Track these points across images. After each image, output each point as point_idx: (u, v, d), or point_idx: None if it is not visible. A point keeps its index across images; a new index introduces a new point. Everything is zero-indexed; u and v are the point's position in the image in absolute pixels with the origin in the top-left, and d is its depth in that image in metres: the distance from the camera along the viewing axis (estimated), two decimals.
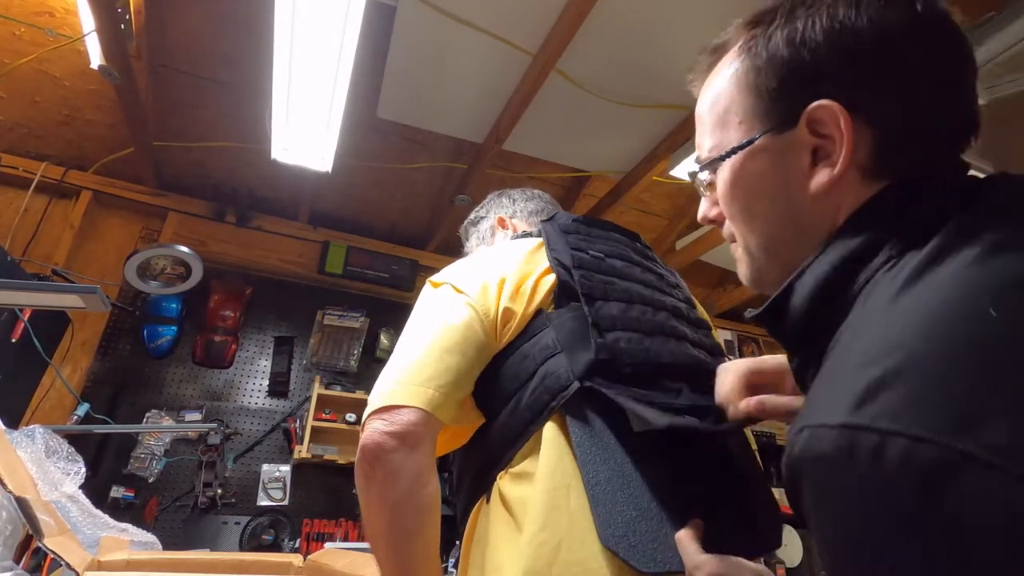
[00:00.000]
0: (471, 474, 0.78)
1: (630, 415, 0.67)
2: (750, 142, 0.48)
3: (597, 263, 0.82)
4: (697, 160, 0.55)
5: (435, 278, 0.84)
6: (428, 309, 0.80)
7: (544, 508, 0.65)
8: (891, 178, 0.44)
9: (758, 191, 0.49)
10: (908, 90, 0.43)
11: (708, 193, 0.56)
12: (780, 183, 0.47)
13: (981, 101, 0.49)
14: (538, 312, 0.77)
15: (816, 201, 0.45)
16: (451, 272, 0.83)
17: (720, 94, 0.51)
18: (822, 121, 0.44)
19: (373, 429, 0.69)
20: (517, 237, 0.98)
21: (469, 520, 0.76)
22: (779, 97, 0.46)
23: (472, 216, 1.21)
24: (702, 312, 0.93)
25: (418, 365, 0.72)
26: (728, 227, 0.54)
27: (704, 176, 0.54)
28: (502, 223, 1.12)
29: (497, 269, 0.80)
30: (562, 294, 0.78)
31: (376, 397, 0.71)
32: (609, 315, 0.75)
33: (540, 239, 0.87)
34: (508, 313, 0.76)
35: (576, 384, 0.70)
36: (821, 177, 0.45)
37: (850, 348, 0.36)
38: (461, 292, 0.78)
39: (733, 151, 0.49)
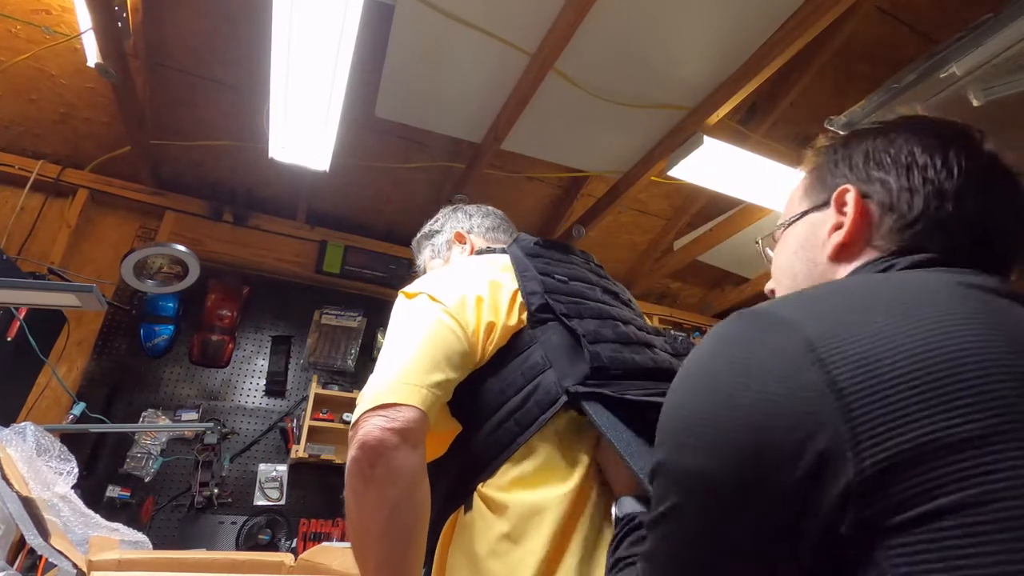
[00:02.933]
0: (447, 483, 0.78)
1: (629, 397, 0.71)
2: (803, 214, 0.62)
3: (564, 287, 0.86)
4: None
5: (408, 289, 0.85)
6: (410, 317, 0.80)
7: (558, 518, 0.68)
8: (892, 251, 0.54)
9: (795, 249, 0.61)
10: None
11: (768, 263, 0.68)
12: (811, 246, 0.59)
13: (977, 103, 0.52)
14: (521, 329, 0.81)
15: (830, 263, 0.57)
16: (425, 284, 0.84)
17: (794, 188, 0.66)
18: (842, 202, 0.57)
19: (373, 425, 0.67)
20: (479, 253, 1.02)
21: (444, 529, 0.76)
22: (821, 185, 0.61)
23: (426, 229, 1.21)
24: (650, 321, 0.98)
25: (411, 365, 0.72)
26: (770, 285, 0.66)
27: (770, 243, 0.68)
28: (460, 238, 1.13)
29: (472, 285, 0.82)
30: (538, 312, 0.81)
31: (372, 394, 0.70)
32: (589, 330, 0.78)
33: (504, 256, 0.91)
34: (490, 327, 0.79)
35: (564, 398, 0.73)
36: (833, 240, 0.57)
37: None
38: (438, 302, 0.79)
39: (791, 220, 0.63)
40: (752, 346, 0.41)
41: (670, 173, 2.31)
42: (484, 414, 0.76)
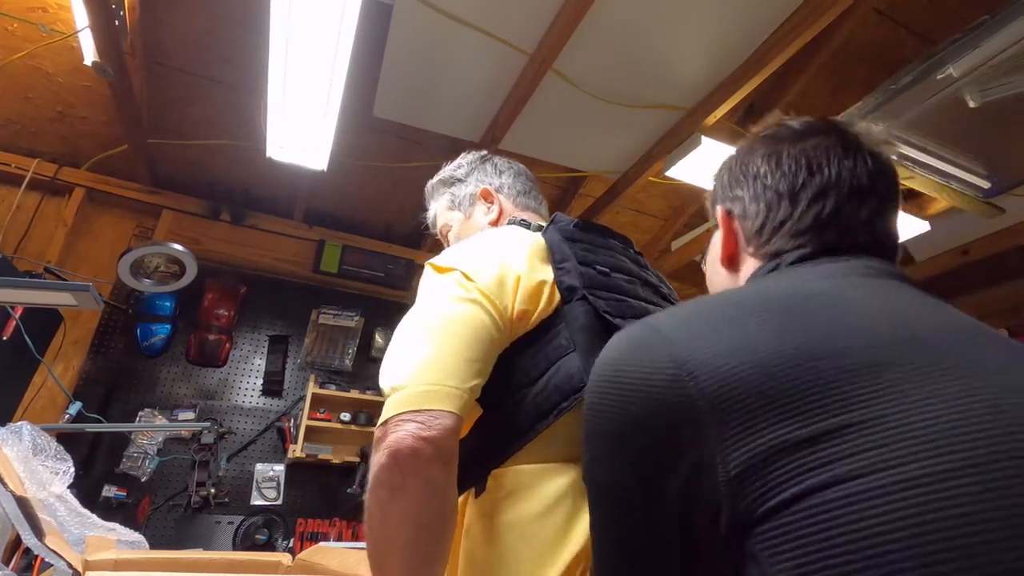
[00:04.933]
0: (462, 463, 0.72)
1: None
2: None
3: (605, 280, 0.78)
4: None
5: (439, 262, 0.77)
6: (442, 297, 0.73)
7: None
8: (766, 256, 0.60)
9: (710, 264, 0.71)
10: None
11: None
12: (715, 260, 0.69)
13: (974, 104, 0.54)
14: (556, 310, 0.74)
15: (728, 274, 0.66)
16: (458, 257, 0.77)
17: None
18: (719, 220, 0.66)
19: (407, 432, 0.61)
20: (512, 223, 0.93)
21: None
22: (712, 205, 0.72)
23: (446, 174, 1.08)
24: None
25: (450, 364, 0.67)
26: None
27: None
28: (487, 196, 1.02)
29: (511, 264, 0.75)
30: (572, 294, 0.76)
31: (407, 395, 0.64)
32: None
33: (539, 236, 0.83)
34: (524, 314, 0.73)
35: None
36: (718, 255, 0.66)
37: None
38: (472, 280, 0.72)
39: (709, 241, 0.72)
40: (635, 358, 0.45)
41: (668, 173, 2.32)
42: (504, 396, 0.72)
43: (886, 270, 0.52)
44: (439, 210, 1.09)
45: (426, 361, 0.67)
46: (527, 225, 0.90)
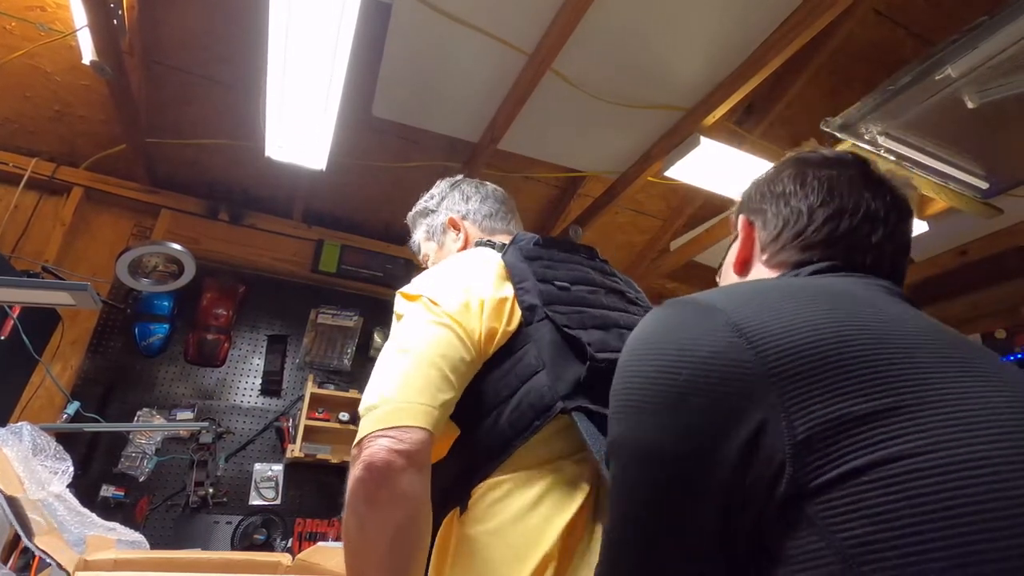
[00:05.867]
0: (443, 484, 0.76)
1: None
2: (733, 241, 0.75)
3: (566, 295, 0.81)
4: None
5: (407, 290, 0.82)
6: (412, 323, 0.77)
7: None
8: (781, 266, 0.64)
9: (725, 266, 0.74)
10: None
11: None
12: (728, 264, 0.72)
13: (972, 105, 0.57)
14: (518, 329, 0.78)
15: (738, 277, 0.70)
16: (424, 285, 0.81)
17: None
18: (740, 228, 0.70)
19: (380, 447, 0.65)
20: (479, 244, 0.98)
21: (440, 532, 0.75)
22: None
23: (421, 206, 1.15)
24: None
25: (420, 382, 0.70)
26: None
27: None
28: (453, 224, 1.08)
29: (474, 288, 0.79)
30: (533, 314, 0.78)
31: (380, 413, 0.68)
32: (594, 340, 0.76)
33: (502, 258, 0.86)
34: (492, 331, 0.77)
35: (560, 405, 0.71)
36: (733, 258, 0.71)
37: None
38: (438, 305, 0.76)
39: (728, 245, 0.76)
40: (687, 327, 0.47)
41: (667, 173, 2.32)
42: (479, 416, 0.75)
43: (895, 290, 0.56)
44: (420, 240, 1.16)
45: (397, 382, 0.71)
46: (492, 245, 0.94)
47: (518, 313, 0.79)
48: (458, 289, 0.79)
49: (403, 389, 0.70)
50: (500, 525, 0.70)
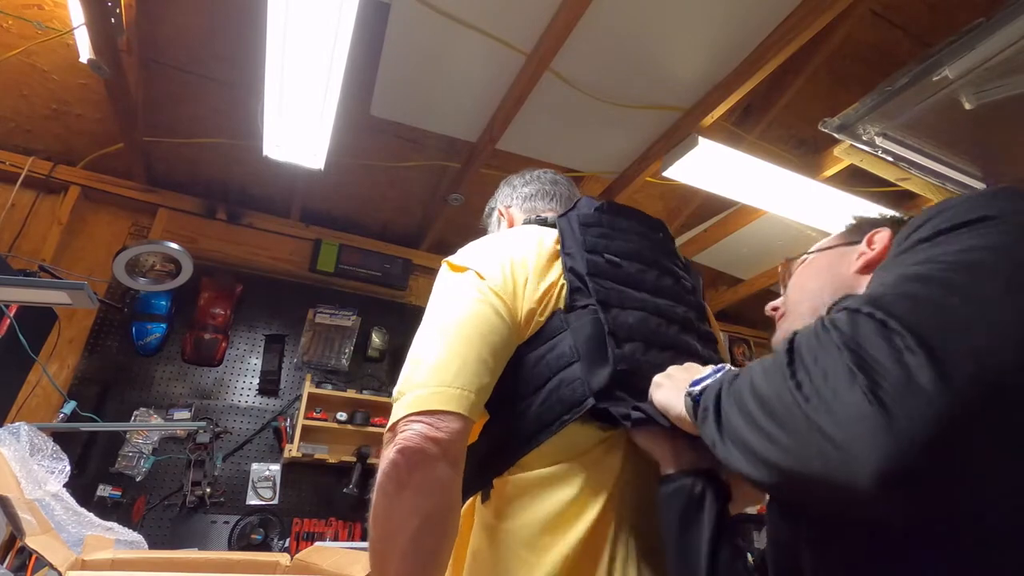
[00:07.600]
0: (468, 469, 0.72)
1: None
2: (837, 246, 0.75)
3: (613, 270, 0.78)
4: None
5: (456, 260, 0.79)
6: (456, 298, 0.74)
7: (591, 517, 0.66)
8: None
9: (825, 268, 0.75)
10: None
11: (784, 287, 0.79)
12: (838, 264, 0.73)
13: (969, 106, 0.56)
14: (554, 313, 0.74)
15: (856, 275, 0.69)
16: (473, 256, 0.78)
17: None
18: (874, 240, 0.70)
19: (415, 432, 0.63)
20: (529, 223, 0.92)
21: (461, 518, 0.73)
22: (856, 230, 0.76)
23: (487, 208, 1.17)
24: (712, 323, 0.91)
25: (459, 364, 0.67)
26: (777, 303, 0.78)
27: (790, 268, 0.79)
28: (501, 214, 1.09)
29: (521, 265, 0.77)
30: (576, 295, 0.75)
31: (415, 397, 0.65)
32: (626, 324, 0.73)
33: (552, 231, 0.83)
34: (531, 314, 0.74)
35: (591, 401, 0.68)
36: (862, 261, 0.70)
37: None
38: (484, 279, 0.73)
39: (826, 247, 0.76)
40: None
41: (665, 174, 2.32)
42: (509, 403, 0.72)
43: None
44: None
45: (435, 364, 0.68)
46: (543, 222, 0.90)
47: (563, 296, 0.76)
48: (506, 264, 0.76)
49: (440, 372, 0.67)
50: (522, 525, 0.67)
